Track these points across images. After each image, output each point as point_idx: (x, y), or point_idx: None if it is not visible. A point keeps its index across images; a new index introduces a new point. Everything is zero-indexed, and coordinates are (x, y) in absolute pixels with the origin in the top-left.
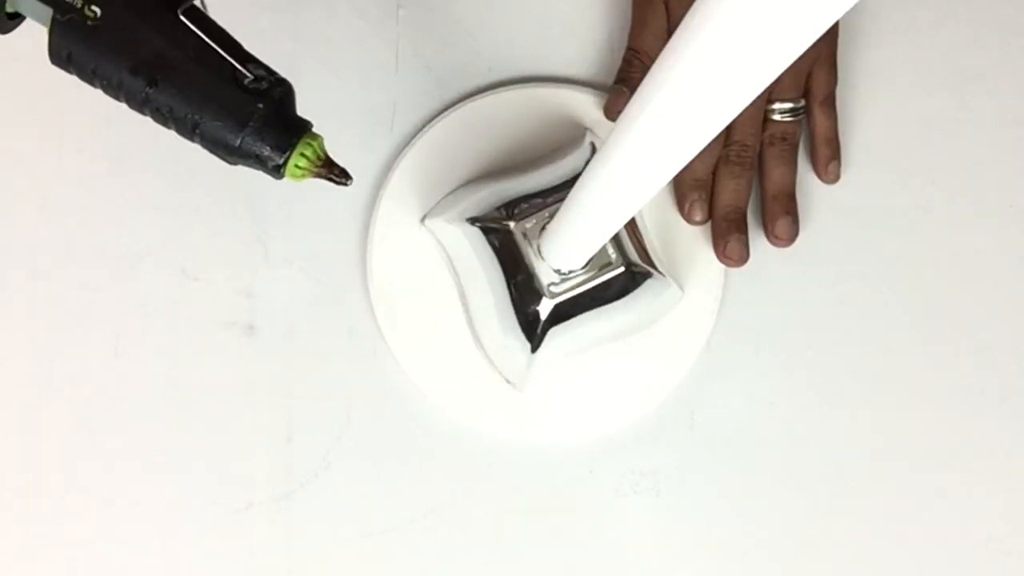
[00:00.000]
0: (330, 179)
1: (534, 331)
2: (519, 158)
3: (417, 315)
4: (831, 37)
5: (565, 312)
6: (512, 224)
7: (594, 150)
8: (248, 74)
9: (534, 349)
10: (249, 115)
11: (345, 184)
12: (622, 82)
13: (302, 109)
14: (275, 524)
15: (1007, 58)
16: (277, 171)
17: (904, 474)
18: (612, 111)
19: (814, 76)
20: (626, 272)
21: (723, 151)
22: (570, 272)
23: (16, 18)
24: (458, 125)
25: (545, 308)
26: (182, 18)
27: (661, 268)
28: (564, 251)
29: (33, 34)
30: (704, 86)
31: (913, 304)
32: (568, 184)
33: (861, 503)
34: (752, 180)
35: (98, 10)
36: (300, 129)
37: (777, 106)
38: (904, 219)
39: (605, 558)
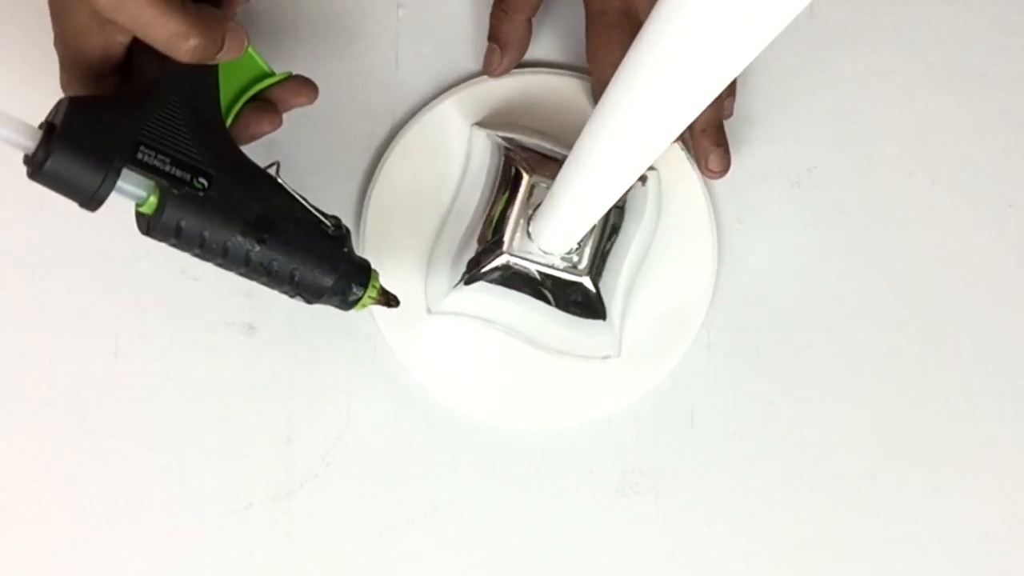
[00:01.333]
0: (387, 305)
1: (593, 308)
2: (451, 185)
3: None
4: None
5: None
6: (503, 251)
7: (496, 141)
8: (328, 224)
9: (604, 317)
10: (339, 260)
11: (393, 307)
12: (490, 38)
13: (302, 112)
14: (275, 524)
15: (1007, 58)
16: (352, 305)
17: (904, 474)
18: (487, 70)
19: None
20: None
21: None
22: (540, 248)
23: (102, 198)
24: (452, 111)
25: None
26: (279, 179)
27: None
28: (541, 220)
29: (32, 36)
30: (681, 75)
31: (913, 304)
32: (505, 181)
33: (861, 503)
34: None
35: (205, 182)
36: (368, 268)
37: None
38: (904, 219)
39: (605, 558)
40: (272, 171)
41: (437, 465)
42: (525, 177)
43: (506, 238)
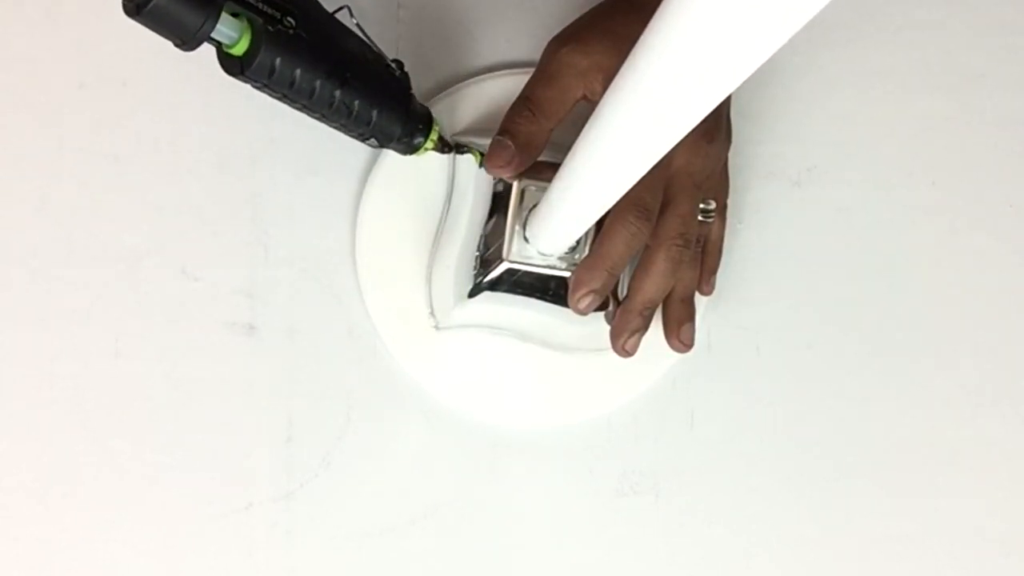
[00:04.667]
0: (442, 151)
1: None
2: (440, 200)
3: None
4: (728, 144)
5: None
6: (504, 258)
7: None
8: (393, 66)
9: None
10: (408, 100)
11: (454, 152)
12: (506, 132)
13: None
14: (275, 524)
15: (1007, 58)
16: (416, 148)
17: (904, 474)
18: (493, 165)
19: (716, 182)
20: None
21: (664, 244)
22: (539, 251)
23: (200, 41)
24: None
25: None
26: (352, 20)
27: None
28: (538, 225)
29: (32, 37)
30: (686, 76)
31: (913, 304)
32: (498, 184)
33: (861, 503)
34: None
35: (293, 20)
36: (429, 113)
37: (701, 206)
38: (904, 219)
39: (605, 558)
40: (341, 15)
41: (437, 465)
42: (515, 184)
43: (504, 246)
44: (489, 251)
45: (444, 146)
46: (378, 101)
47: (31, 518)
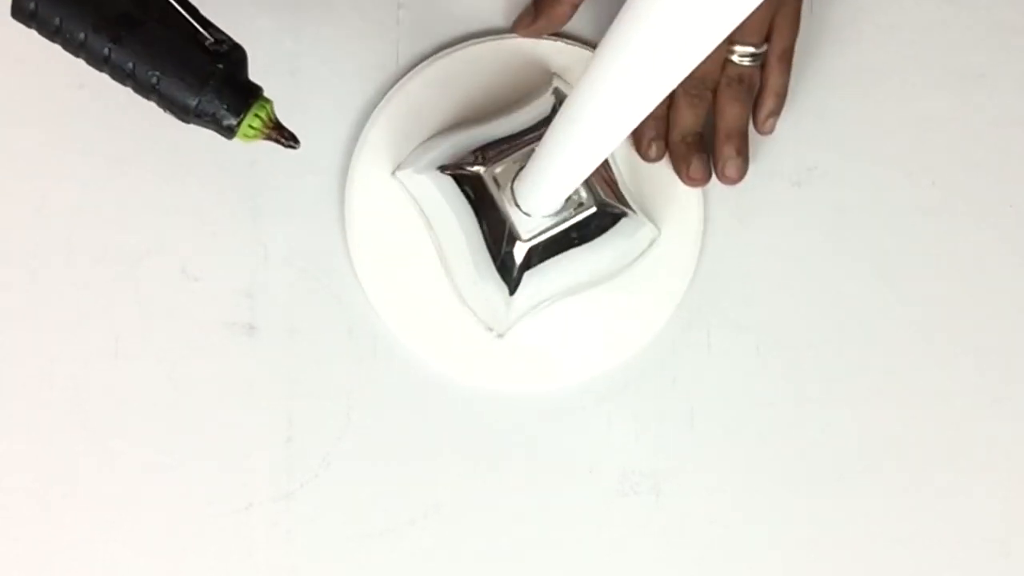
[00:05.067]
0: (279, 141)
1: (511, 275)
2: (490, 108)
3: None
4: None
5: (540, 255)
6: (482, 169)
7: (559, 94)
8: (208, 37)
9: (512, 292)
10: (209, 75)
11: (293, 147)
12: (535, 5)
13: (303, 109)
14: (275, 524)
15: (1007, 58)
16: (230, 131)
17: (904, 474)
18: (518, 27)
19: (776, 26)
20: (599, 212)
21: (679, 85)
22: (543, 216)
23: None
24: (423, 86)
25: (520, 251)
26: None
27: (634, 206)
28: (537, 195)
29: (32, 36)
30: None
31: (913, 304)
32: (536, 128)
33: (861, 503)
34: (707, 112)
35: None
36: (255, 92)
37: (738, 48)
38: (904, 219)
39: (605, 558)
40: None
41: (437, 465)
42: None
43: (493, 162)
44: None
45: (280, 133)
46: (160, 66)
47: (31, 518)
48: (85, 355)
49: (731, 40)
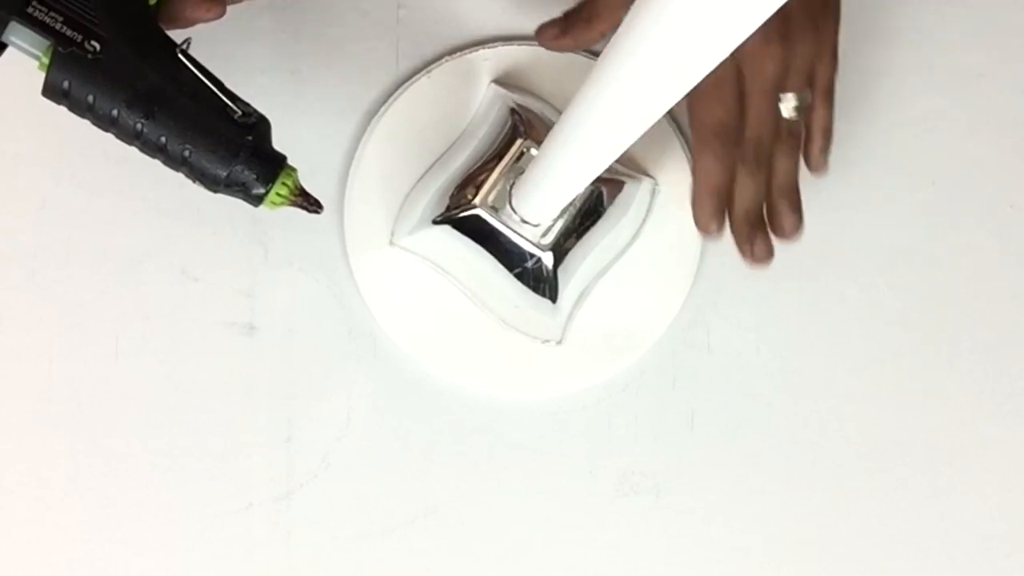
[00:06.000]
0: (304, 207)
1: (547, 284)
2: (453, 137)
3: (414, 313)
4: (833, 26)
5: (563, 250)
6: (477, 204)
7: (507, 100)
8: (237, 109)
9: (554, 300)
10: (239, 148)
11: (317, 212)
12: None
13: (303, 108)
14: (275, 524)
15: (1007, 58)
16: (258, 200)
17: (904, 474)
18: (545, 38)
19: (816, 66)
20: (597, 191)
21: (740, 151)
22: (519, 219)
23: (1, 49)
24: (424, 90)
25: (547, 259)
26: (180, 56)
27: (625, 169)
28: (544, 208)
29: None
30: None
31: (913, 304)
32: (506, 139)
33: (861, 503)
34: (768, 176)
35: (97, 45)
36: (281, 162)
37: (788, 98)
38: (904, 219)
39: (605, 558)
40: (185, 47)
41: (437, 465)
42: (518, 140)
43: (483, 192)
44: (469, 192)
45: (305, 200)
46: (192, 139)
47: (31, 518)
48: (85, 355)
49: (781, 88)
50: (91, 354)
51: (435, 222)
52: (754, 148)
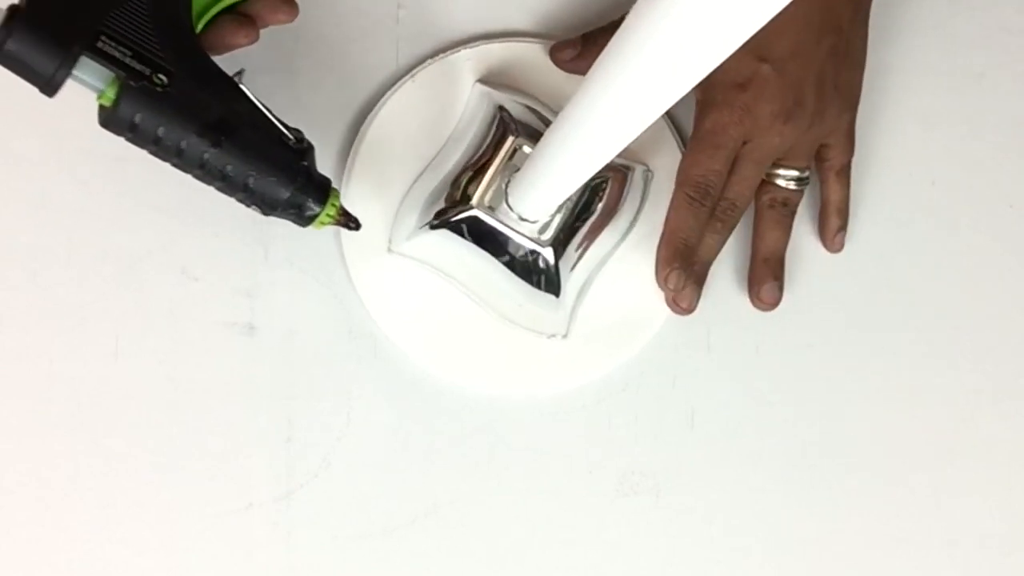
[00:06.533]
0: (347, 226)
1: (548, 279)
2: (443, 138)
3: (414, 313)
4: (851, 109)
5: (563, 243)
6: (474, 203)
7: (492, 97)
8: (290, 136)
9: (558, 294)
10: (296, 172)
11: (356, 230)
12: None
13: (303, 107)
14: (275, 524)
15: (1007, 58)
16: (310, 220)
17: (904, 474)
18: (560, 58)
19: (832, 145)
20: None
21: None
22: (516, 216)
23: (62, 81)
24: (420, 88)
25: (547, 254)
26: (241, 86)
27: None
28: (542, 206)
29: None
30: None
31: (912, 304)
32: (497, 137)
33: (861, 503)
34: (727, 239)
35: (165, 78)
36: (328, 184)
37: (783, 172)
38: (904, 219)
39: (605, 558)
40: (238, 79)
41: (437, 465)
42: (510, 138)
43: (479, 192)
44: (464, 193)
45: (346, 219)
46: (256, 167)
47: (31, 518)
48: (85, 355)
49: (776, 163)
50: (91, 354)
51: (432, 226)
52: (725, 206)
